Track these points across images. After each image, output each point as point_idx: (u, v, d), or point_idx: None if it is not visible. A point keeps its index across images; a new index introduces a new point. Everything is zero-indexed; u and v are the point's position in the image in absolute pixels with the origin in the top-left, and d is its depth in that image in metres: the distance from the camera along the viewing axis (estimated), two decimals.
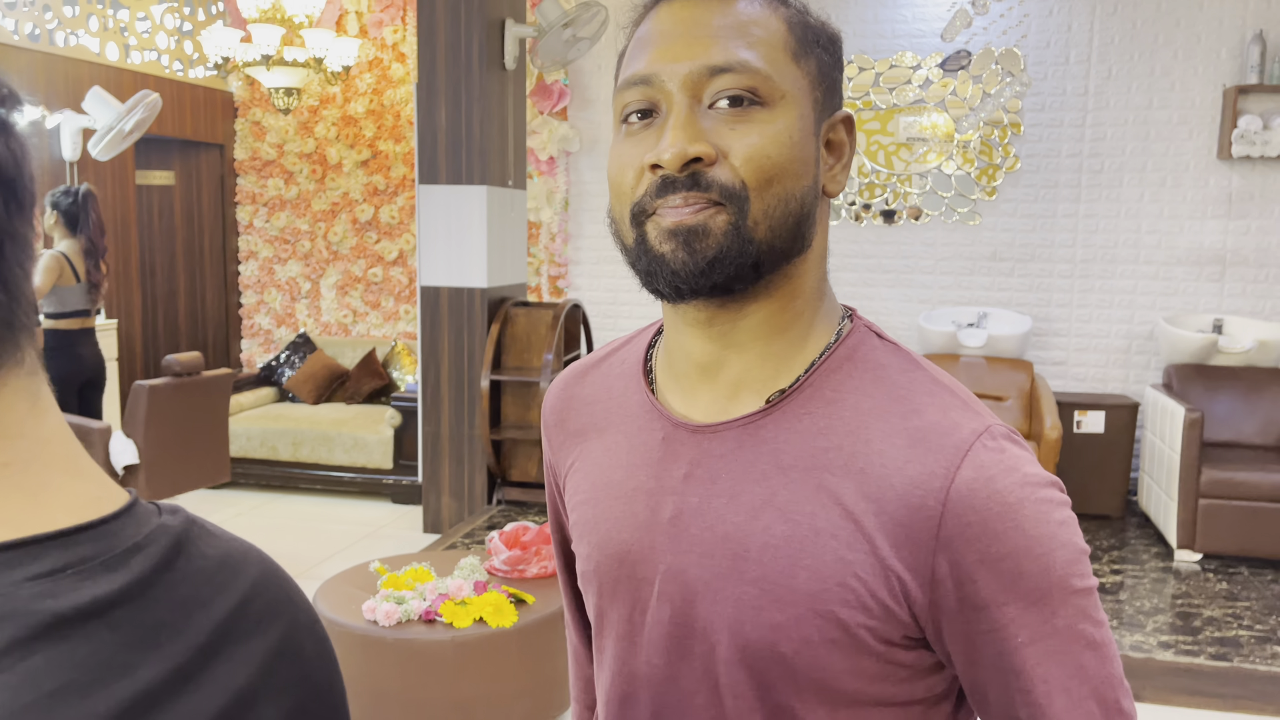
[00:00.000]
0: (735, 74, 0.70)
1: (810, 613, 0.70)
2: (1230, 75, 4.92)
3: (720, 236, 0.70)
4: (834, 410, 0.73)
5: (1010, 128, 5.19)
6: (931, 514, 0.68)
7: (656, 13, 0.75)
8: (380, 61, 6.02)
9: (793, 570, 0.71)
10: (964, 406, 0.73)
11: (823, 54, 0.75)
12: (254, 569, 0.53)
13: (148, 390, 3.91)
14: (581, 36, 4.60)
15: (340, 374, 5.99)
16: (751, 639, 0.72)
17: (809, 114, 0.73)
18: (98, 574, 0.45)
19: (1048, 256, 5.23)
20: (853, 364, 0.75)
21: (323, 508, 5.27)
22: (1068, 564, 0.69)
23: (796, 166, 0.72)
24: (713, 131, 0.70)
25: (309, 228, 6.27)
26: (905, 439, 0.70)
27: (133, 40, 5.54)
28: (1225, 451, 4.46)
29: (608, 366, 0.88)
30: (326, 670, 0.55)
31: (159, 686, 0.45)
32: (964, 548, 0.67)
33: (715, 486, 0.75)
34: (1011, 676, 0.69)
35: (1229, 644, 3.38)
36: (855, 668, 0.71)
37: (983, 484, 0.68)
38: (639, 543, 0.78)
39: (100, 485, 0.50)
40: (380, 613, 2.62)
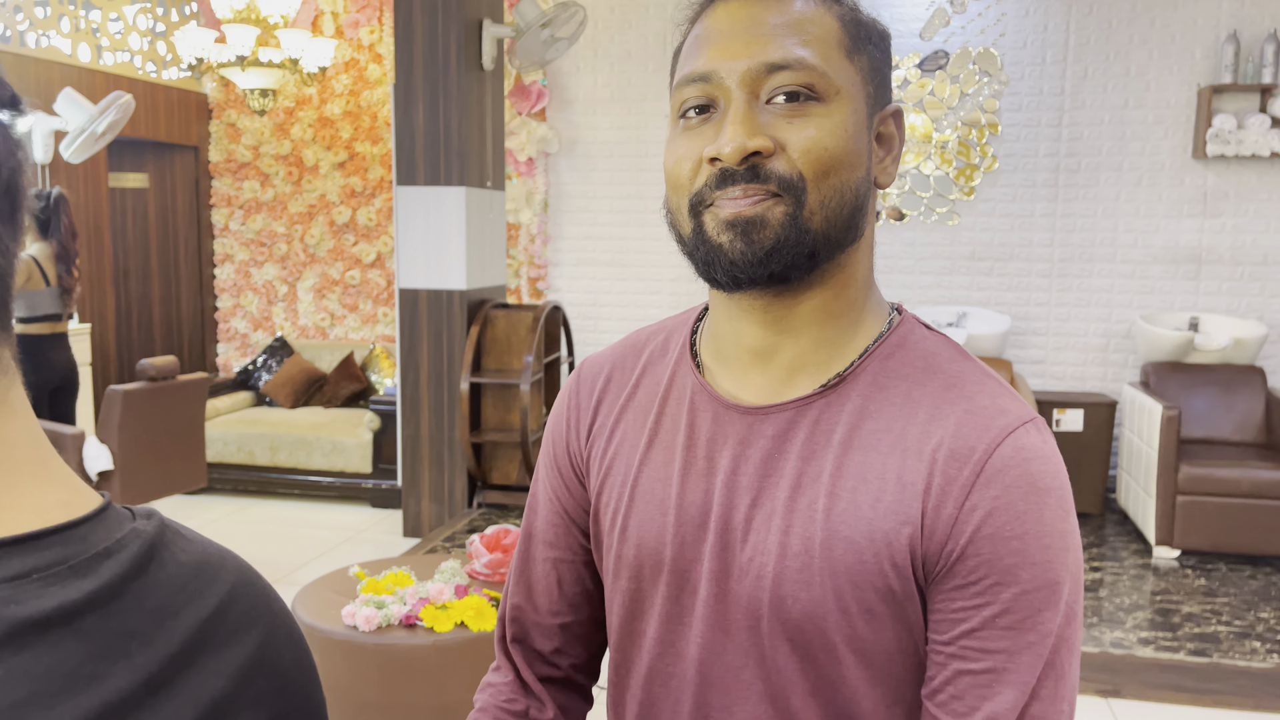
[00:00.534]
0: (792, 70, 0.72)
1: (849, 584, 0.72)
2: (1205, 75, 4.96)
3: (777, 227, 0.72)
4: (885, 395, 0.76)
5: (988, 128, 5.21)
6: (967, 479, 0.71)
7: (713, 10, 0.77)
8: (357, 62, 5.98)
9: (832, 543, 0.73)
10: (1013, 396, 0.76)
11: (874, 50, 0.78)
12: (230, 576, 0.51)
13: (122, 395, 3.86)
14: (560, 37, 4.59)
15: (318, 377, 5.94)
16: (793, 612, 0.74)
17: (862, 108, 0.76)
18: (65, 579, 0.44)
19: (1026, 256, 5.26)
20: (905, 351, 0.78)
21: (301, 513, 5.23)
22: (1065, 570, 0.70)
23: (851, 159, 0.74)
24: (770, 126, 0.73)
25: (285, 230, 6.22)
26: (954, 420, 0.73)
27: (105, 41, 5.47)
28: (1202, 448, 4.50)
29: (648, 353, 0.89)
30: (305, 680, 0.54)
31: (129, 697, 0.43)
32: (985, 519, 0.70)
33: (766, 465, 0.77)
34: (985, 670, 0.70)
35: (1208, 639, 3.40)
36: (894, 638, 0.73)
37: (1019, 462, 0.71)
38: (685, 524, 0.80)
39: (70, 490, 0.48)
40: (360, 618, 2.59)
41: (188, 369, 6.14)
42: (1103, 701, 3.14)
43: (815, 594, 0.73)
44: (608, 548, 0.86)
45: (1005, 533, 0.69)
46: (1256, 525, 4.16)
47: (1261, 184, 4.97)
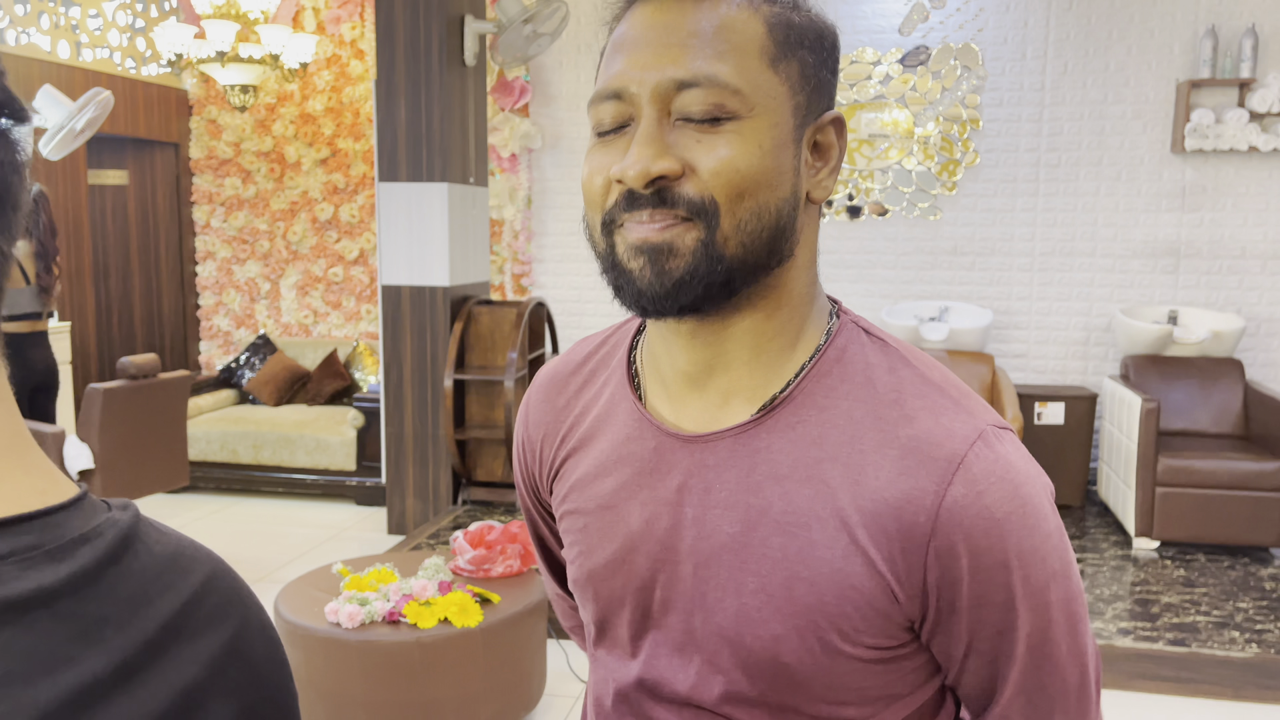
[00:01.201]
0: (702, 89, 0.68)
1: (810, 624, 0.71)
2: (1183, 70, 5.00)
3: (689, 255, 0.69)
4: (827, 418, 0.73)
5: (969, 123, 5.24)
6: (923, 530, 0.69)
7: (631, 14, 0.72)
8: (338, 58, 5.96)
9: (791, 583, 0.71)
10: (955, 407, 0.72)
11: (807, 55, 0.72)
12: (204, 568, 0.52)
13: (102, 393, 3.84)
14: (542, 32, 4.58)
15: (301, 375, 5.92)
16: (754, 649, 0.73)
17: (786, 121, 0.71)
18: (41, 563, 0.44)
19: (1007, 250, 5.29)
20: (842, 367, 0.75)
21: (285, 511, 5.21)
22: (1044, 576, 0.71)
23: (770, 178, 0.70)
24: (680, 145, 0.69)
25: (268, 227, 6.19)
26: (898, 450, 0.70)
27: (84, 38, 5.43)
28: (1181, 440, 4.54)
29: (587, 372, 0.87)
30: (277, 673, 0.54)
31: (103, 680, 0.44)
32: (952, 562, 0.69)
33: (710, 497, 0.74)
34: (983, 670, 0.74)
35: (1187, 629, 3.44)
36: (858, 671, 0.73)
37: (972, 499, 0.69)
38: (635, 554, 0.78)
39: (48, 479, 0.49)
40: (343, 614, 2.59)
41: (169, 367, 6.11)
42: None
43: (776, 631, 0.72)
44: (568, 568, 0.86)
45: (971, 567, 0.70)
46: (1235, 516, 4.20)
47: (1239, 178, 5.01)
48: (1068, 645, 0.74)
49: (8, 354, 2.45)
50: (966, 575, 0.69)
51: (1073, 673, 0.75)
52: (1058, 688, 0.74)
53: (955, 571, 0.69)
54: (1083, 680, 0.75)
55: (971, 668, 0.74)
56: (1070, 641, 0.74)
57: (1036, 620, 0.72)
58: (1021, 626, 0.71)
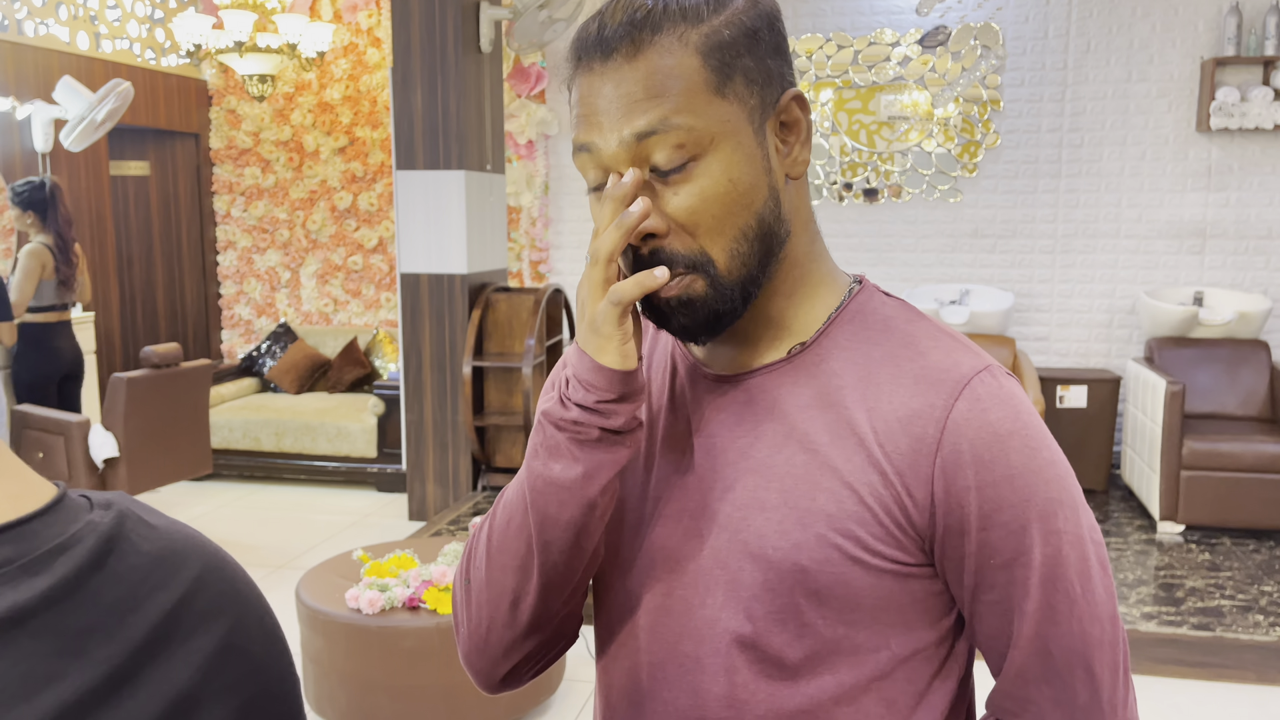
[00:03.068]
0: (659, 134, 0.73)
1: (830, 530, 0.75)
2: (1208, 47, 4.92)
3: (707, 298, 0.77)
4: (847, 356, 0.80)
5: (990, 104, 5.18)
6: (930, 441, 0.74)
7: (577, 84, 0.77)
8: (355, 47, 5.96)
9: (813, 493, 0.76)
10: (965, 348, 0.79)
11: (747, 62, 0.75)
12: (196, 563, 0.50)
13: (126, 382, 3.87)
14: (558, 18, 4.57)
15: (322, 363, 5.96)
16: (774, 559, 0.77)
17: (747, 134, 0.76)
18: (17, 579, 0.43)
19: (1029, 232, 5.24)
20: (863, 316, 0.82)
21: (307, 498, 5.25)
22: (1049, 501, 0.74)
23: (745, 198, 0.76)
24: (660, 198, 0.75)
25: (287, 216, 6.22)
26: (911, 378, 0.77)
27: (103, 29, 5.46)
28: (1206, 423, 4.49)
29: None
30: (277, 664, 0.53)
31: (89, 695, 0.43)
32: (956, 473, 0.74)
33: (739, 428, 0.81)
34: (997, 605, 0.75)
35: (1211, 614, 3.41)
36: (874, 586, 0.76)
37: (977, 414, 0.74)
38: (663, 483, 0.83)
39: (21, 482, 0.47)
40: (364, 601, 2.61)
41: (192, 356, 6.16)
42: None
43: (797, 539, 0.76)
44: None
45: (976, 482, 0.73)
46: (1261, 499, 4.16)
47: (1265, 157, 4.94)
48: (1083, 588, 0.74)
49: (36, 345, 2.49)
50: (973, 489, 0.73)
51: (1094, 629, 0.74)
52: (1078, 647, 0.74)
53: (961, 482, 0.73)
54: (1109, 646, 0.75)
55: (985, 604, 0.76)
56: (1086, 590, 0.74)
57: (1047, 550, 0.73)
58: (1032, 554, 0.73)
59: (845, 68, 5.32)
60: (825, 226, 5.60)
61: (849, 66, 5.31)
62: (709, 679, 0.80)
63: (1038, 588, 0.74)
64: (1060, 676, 0.75)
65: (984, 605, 0.76)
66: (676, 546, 0.82)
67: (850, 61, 5.31)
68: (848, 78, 5.32)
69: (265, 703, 0.51)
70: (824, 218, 5.42)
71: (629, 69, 0.73)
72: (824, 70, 5.34)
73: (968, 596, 0.77)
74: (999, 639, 0.77)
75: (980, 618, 0.77)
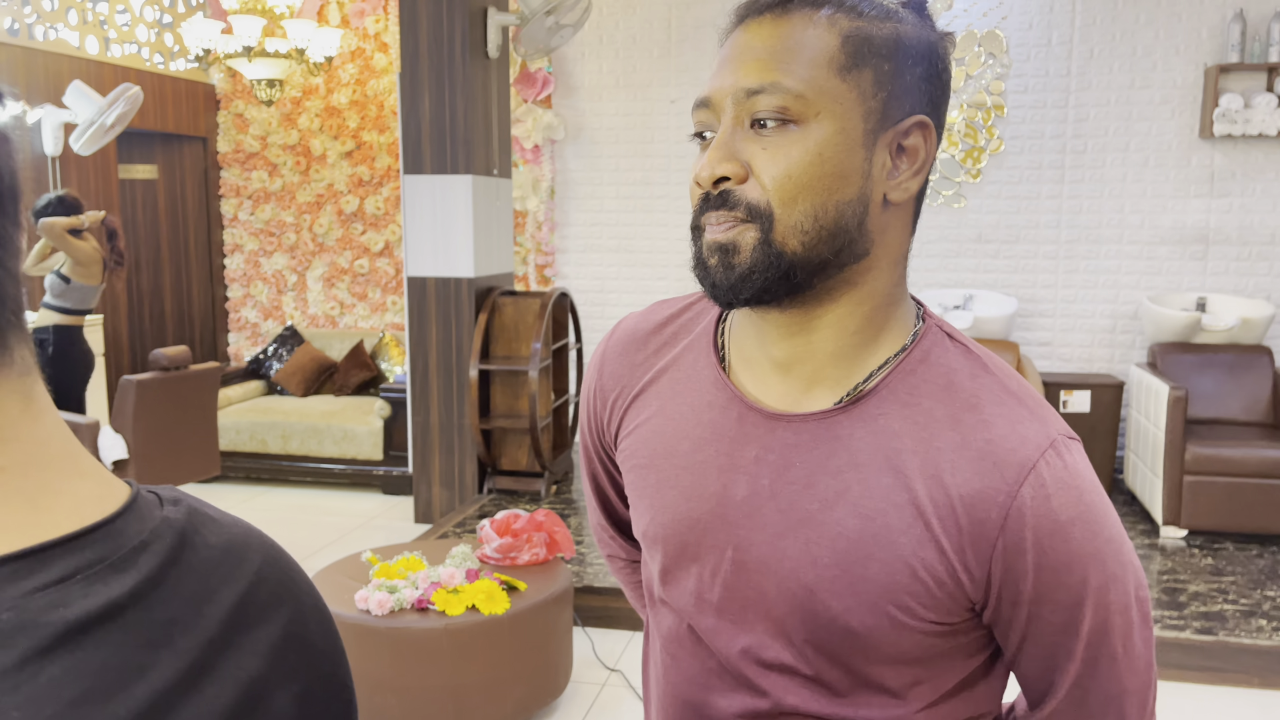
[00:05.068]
0: (768, 94, 0.74)
1: (881, 600, 0.76)
2: (1211, 54, 4.94)
3: (749, 253, 0.76)
4: (909, 414, 0.78)
5: (994, 110, 5.20)
6: (993, 526, 0.74)
7: (730, 36, 0.80)
8: (363, 52, 6.00)
9: (865, 562, 0.76)
10: (1031, 416, 0.77)
11: (881, 64, 0.76)
12: (257, 556, 0.52)
13: (135, 385, 3.90)
14: (565, 24, 4.59)
15: (328, 366, 5.98)
16: (822, 617, 0.78)
17: (855, 126, 0.75)
18: (107, 577, 0.45)
19: (1033, 238, 5.26)
20: (926, 367, 0.80)
21: (313, 500, 5.28)
22: (1103, 578, 0.76)
23: (829, 182, 0.75)
24: (746, 150, 0.76)
25: (294, 220, 6.25)
26: (975, 451, 0.76)
27: (112, 34, 5.50)
28: (1210, 428, 4.50)
29: (669, 333, 0.92)
30: (332, 651, 0.55)
31: (174, 685, 0.45)
32: (1016, 559, 0.75)
33: (789, 474, 0.80)
34: (1042, 660, 0.79)
35: (1214, 618, 3.42)
36: (920, 642, 0.78)
37: (1041, 502, 0.74)
38: (710, 515, 0.83)
39: (101, 482, 0.49)
40: (373, 602, 2.63)
41: (199, 359, 6.19)
42: None
43: (848, 604, 0.77)
44: (635, 518, 0.91)
45: (1035, 565, 0.75)
46: (1264, 505, 4.17)
47: (1269, 163, 4.96)
48: (1124, 650, 0.77)
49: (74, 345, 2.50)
50: (1031, 572, 0.74)
51: (1130, 680, 0.78)
52: (1114, 694, 0.78)
53: (1020, 567, 0.74)
54: (1141, 691, 0.79)
55: (1030, 655, 0.79)
56: (1127, 648, 0.78)
57: (1096, 621, 0.76)
58: (1082, 626, 0.76)
59: None
60: None
61: None
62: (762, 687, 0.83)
63: (1083, 652, 0.77)
64: (1093, 716, 0.80)
65: (1028, 658, 0.80)
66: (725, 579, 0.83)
67: None
68: None
69: (323, 687, 0.53)
70: None
71: (770, 28, 0.76)
72: None
73: (1012, 649, 0.80)
74: (1039, 683, 0.81)
75: (1023, 665, 0.81)
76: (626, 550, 1.09)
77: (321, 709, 0.53)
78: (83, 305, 4.38)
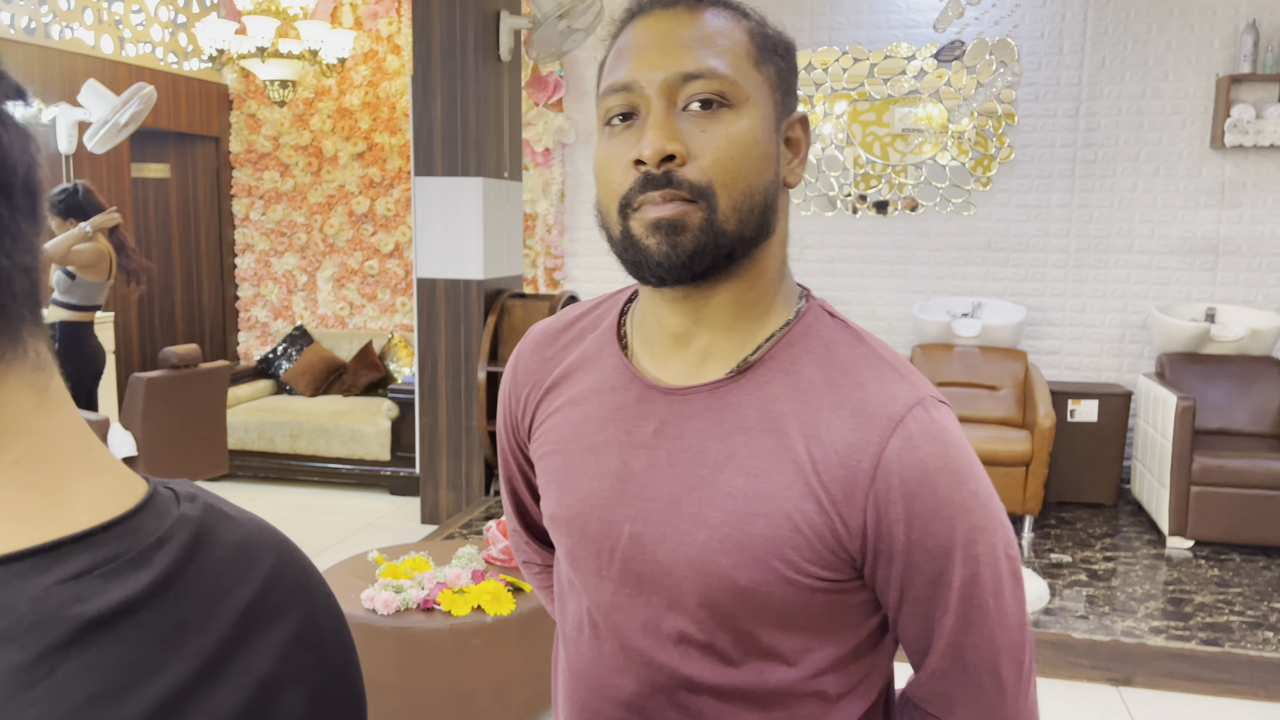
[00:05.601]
0: (705, 79, 0.79)
1: (767, 554, 0.80)
2: (1223, 64, 4.94)
3: (696, 231, 0.79)
4: (791, 380, 0.83)
5: (1005, 118, 5.20)
6: (865, 475, 0.79)
7: (633, 26, 0.84)
8: (375, 54, 6.02)
9: (752, 518, 0.81)
10: (902, 379, 0.83)
11: (780, 61, 0.84)
12: (271, 554, 0.52)
13: (145, 382, 3.92)
14: (576, 28, 4.61)
15: (337, 366, 6.01)
16: (713, 576, 0.82)
17: (770, 114, 0.82)
18: (124, 573, 0.44)
19: (1042, 246, 5.25)
20: (807, 339, 0.85)
21: (320, 499, 5.29)
22: (970, 529, 0.79)
23: (759, 163, 0.81)
24: (685, 134, 0.79)
25: (305, 220, 6.28)
26: (849, 410, 0.81)
27: (127, 33, 5.53)
28: (1217, 439, 4.49)
29: (578, 330, 0.97)
30: (344, 650, 0.55)
31: (188, 683, 0.44)
32: (888, 507, 0.79)
33: (683, 442, 0.84)
34: (920, 618, 0.82)
35: (1220, 629, 3.41)
36: (808, 601, 0.82)
37: (908, 451, 0.79)
38: (610, 490, 0.87)
39: (118, 478, 0.49)
40: (379, 601, 2.64)
41: (209, 357, 6.22)
42: (1113, 690, 3.16)
43: (737, 559, 0.80)
44: (544, 505, 0.95)
45: (905, 514, 0.79)
46: (1270, 516, 4.16)
47: None
48: (996, 605, 0.81)
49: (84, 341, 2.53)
50: (902, 521, 0.78)
51: (1003, 637, 0.82)
52: (988, 652, 0.82)
53: (892, 517, 0.78)
54: (1015, 650, 0.83)
55: (908, 614, 0.82)
56: (999, 603, 0.81)
57: (966, 572, 0.79)
58: (953, 576, 0.79)
59: (861, 80, 5.35)
60: (838, 238, 5.59)
61: (865, 79, 5.34)
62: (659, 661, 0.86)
63: (956, 604, 0.80)
64: (970, 676, 0.83)
65: (907, 615, 0.83)
66: (623, 551, 0.86)
67: (866, 74, 5.34)
68: (863, 90, 5.35)
69: (335, 687, 0.53)
70: (837, 229, 5.45)
71: (689, 18, 0.81)
72: (840, 82, 5.37)
73: (893, 607, 0.83)
74: (919, 641, 0.84)
75: (903, 624, 0.84)
76: (541, 555, 1.12)
77: (333, 708, 0.53)
78: (89, 301, 4.40)
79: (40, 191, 0.47)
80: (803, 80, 5.41)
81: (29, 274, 0.46)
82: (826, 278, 5.50)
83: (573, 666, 0.93)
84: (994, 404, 4.79)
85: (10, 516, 0.44)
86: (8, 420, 0.45)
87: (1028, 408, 4.66)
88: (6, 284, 0.44)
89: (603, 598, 0.88)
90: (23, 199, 0.45)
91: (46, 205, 0.48)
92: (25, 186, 0.45)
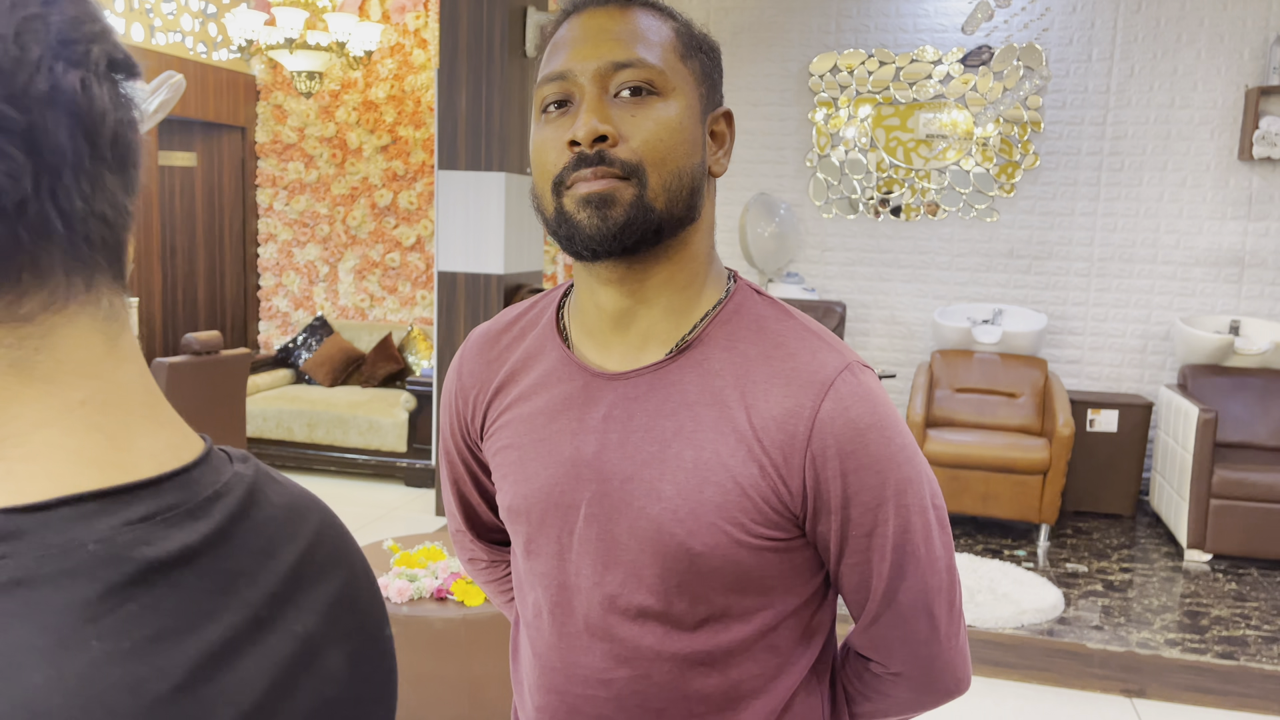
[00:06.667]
0: (635, 68, 0.85)
1: (718, 520, 0.86)
2: (1252, 76, 4.90)
3: (626, 206, 0.84)
4: (728, 356, 0.89)
5: (1030, 125, 5.18)
6: (801, 438, 0.85)
7: (569, 23, 0.90)
8: (402, 47, 6.05)
9: (702, 487, 0.86)
10: (829, 347, 0.89)
11: (704, 58, 0.91)
12: (316, 517, 0.54)
13: (167, 367, 3.96)
14: None
15: (356, 357, 6.04)
16: (669, 545, 0.87)
17: (695, 105, 0.89)
18: (184, 522, 0.46)
19: (1065, 255, 5.22)
20: (740, 316, 0.92)
21: (337, 489, 5.32)
22: (900, 481, 0.87)
23: (686, 147, 0.87)
24: (617, 118, 0.85)
25: (328, 212, 6.31)
26: (783, 378, 0.87)
27: (158, 21, 5.58)
28: (1238, 452, 4.45)
29: (518, 329, 1.02)
30: (380, 617, 0.57)
31: (241, 632, 0.46)
32: (824, 465, 0.85)
33: (632, 423, 0.89)
34: (858, 568, 0.89)
35: (1236, 643, 3.39)
36: (758, 560, 0.88)
37: (840, 412, 0.86)
38: (565, 476, 0.91)
39: (178, 432, 0.50)
40: (393, 589, 2.65)
41: (230, 345, 6.26)
42: (1127, 701, 3.15)
43: (690, 527, 0.86)
44: (500, 499, 0.99)
45: (840, 470, 0.85)
46: None
47: None
48: (926, 550, 0.89)
49: None
50: (839, 477, 0.85)
51: (933, 579, 0.90)
52: (920, 593, 0.90)
53: (828, 474, 0.85)
54: (946, 590, 0.91)
55: (848, 565, 0.89)
56: (928, 548, 0.89)
57: (899, 522, 0.87)
58: (887, 526, 0.87)
59: (886, 84, 5.33)
60: (859, 241, 5.58)
61: (890, 83, 5.33)
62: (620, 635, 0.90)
63: (890, 552, 0.88)
64: (906, 619, 0.91)
65: (847, 567, 0.90)
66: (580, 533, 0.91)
67: (891, 78, 5.32)
68: (888, 94, 5.34)
69: (371, 650, 0.55)
70: (859, 233, 5.44)
71: (619, 15, 0.88)
72: (864, 86, 5.36)
73: (834, 561, 0.90)
74: (859, 592, 0.91)
75: (844, 577, 0.91)
76: (487, 551, 1.16)
77: (369, 670, 0.55)
78: None
79: (132, 154, 0.47)
80: (828, 83, 5.40)
81: (108, 225, 0.46)
82: (847, 280, 5.49)
83: (536, 651, 0.97)
84: (1012, 411, 4.77)
85: (76, 457, 0.45)
86: (77, 361, 0.46)
87: (1046, 416, 4.64)
88: (81, 226, 0.45)
89: (564, 579, 0.92)
90: (110, 152, 0.46)
91: (138, 173, 0.49)
92: (115, 141, 0.46)
